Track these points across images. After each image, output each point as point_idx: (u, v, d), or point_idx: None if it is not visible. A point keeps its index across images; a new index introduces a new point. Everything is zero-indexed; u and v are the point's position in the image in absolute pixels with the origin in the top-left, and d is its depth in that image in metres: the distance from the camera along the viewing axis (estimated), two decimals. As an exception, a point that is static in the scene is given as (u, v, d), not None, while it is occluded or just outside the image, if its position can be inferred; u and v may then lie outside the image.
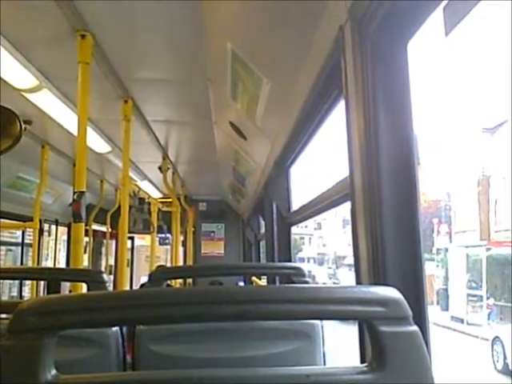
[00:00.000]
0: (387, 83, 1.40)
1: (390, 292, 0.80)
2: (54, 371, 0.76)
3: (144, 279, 7.30)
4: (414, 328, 0.78)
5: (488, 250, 15.91)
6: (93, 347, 1.76)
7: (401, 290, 0.81)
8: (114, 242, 7.84)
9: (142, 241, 14.39)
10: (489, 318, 14.89)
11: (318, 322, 1.91)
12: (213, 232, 9.11)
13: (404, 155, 1.37)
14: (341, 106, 1.87)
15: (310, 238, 36.18)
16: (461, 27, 1.09)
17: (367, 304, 0.78)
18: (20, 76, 3.05)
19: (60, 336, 0.77)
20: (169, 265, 8.78)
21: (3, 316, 1.83)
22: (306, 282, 2.06)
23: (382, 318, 0.77)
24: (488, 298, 15.36)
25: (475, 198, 17.79)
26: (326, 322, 1.97)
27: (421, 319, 1.25)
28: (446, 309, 17.38)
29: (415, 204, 1.35)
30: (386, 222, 1.36)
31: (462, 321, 15.81)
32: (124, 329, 1.89)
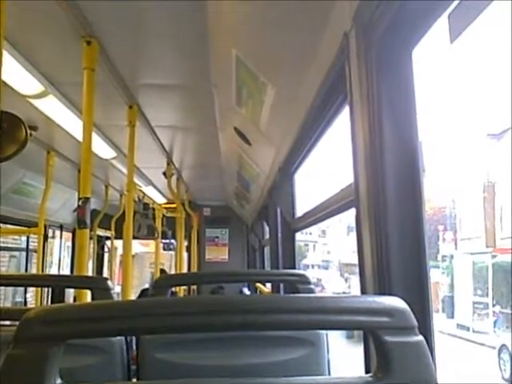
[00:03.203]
0: (392, 90, 1.40)
1: (396, 302, 0.79)
2: (59, 380, 0.76)
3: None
4: (420, 338, 0.77)
5: (494, 257, 15.80)
6: (97, 355, 1.75)
7: (406, 299, 0.80)
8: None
9: (145, 247, 14.34)
10: (495, 326, 14.77)
11: (323, 330, 1.90)
12: (217, 237, 9.10)
13: (409, 162, 1.37)
14: (345, 112, 1.87)
15: (314, 245, 36.12)
16: (467, 34, 1.08)
17: (372, 314, 0.77)
18: (26, 82, 3.06)
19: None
20: (173, 271, 8.77)
21: (7, 323, 1.83)
22: (311, 290, 2.05)
23: (388, 328, 0.76)
24: (494, 306, 15.23)
25: (481, 205, 17.67)
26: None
27: (426, 329, 1.24)
28: (452, 316, 17.26)
29: (420, 211, 1.35)
30: (391, 229, 1.35)
31: (467, 328, 15.69)
32: (128, 337, 1.89)
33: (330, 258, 34.88)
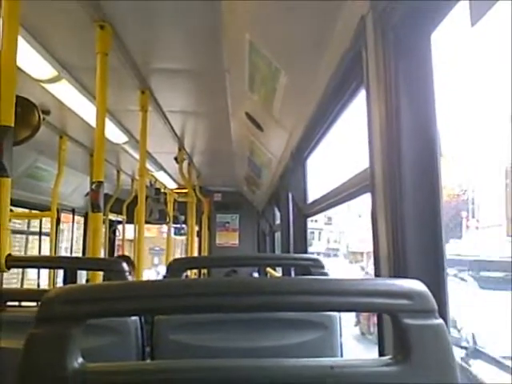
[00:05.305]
0: (410, 74, 1.39)
1: (415, 285, 0.80)
2: (80, 359, 0.77)
3: (147, 274, 7.19)
4: (440, 321, 0.78)
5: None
6: (112, 335, 1.78)
7: (422, 283, 0.80)
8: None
9: (146, 232, 14.27)
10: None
11: (335, 313, 1.91)
12: (227, 223, 9.13)
13: (426, 146, 1.36)
14: (360, 97, 1.86)
15: (319, 233, 35.91)
16: (488, 16, 1.06)
17: (392, 296, 0.78)
18: (39, 67, 3.07)
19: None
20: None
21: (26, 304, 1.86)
22: (325, 275, 2.05)
23: (407, 311, 0.77)
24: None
25: (502, 191, 17.22)
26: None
27: (442, 313, 1.24)
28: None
29: (437, 196, 1.34)
30: (407, 214, 1.35)
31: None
32: (143, 318, 1.91)
33: (337, 246, 34.72)
